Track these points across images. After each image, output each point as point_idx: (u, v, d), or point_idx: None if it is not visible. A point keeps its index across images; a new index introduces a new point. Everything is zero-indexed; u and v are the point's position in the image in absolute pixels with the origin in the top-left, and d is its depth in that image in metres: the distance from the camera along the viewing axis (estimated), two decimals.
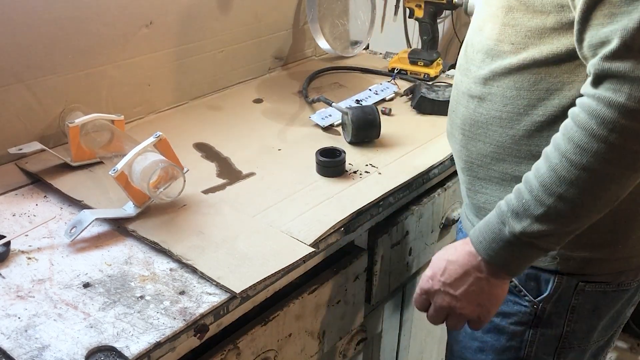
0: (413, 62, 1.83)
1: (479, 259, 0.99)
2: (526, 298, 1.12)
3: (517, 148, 1.04)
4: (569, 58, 0.95)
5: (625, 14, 0.82)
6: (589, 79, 0.87)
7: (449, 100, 1.57)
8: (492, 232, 0.97)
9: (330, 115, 1.55)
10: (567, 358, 1.18)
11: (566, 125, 0.90)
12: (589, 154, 0.86)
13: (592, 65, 0.86)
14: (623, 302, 1.14)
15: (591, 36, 0.86)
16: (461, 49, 1.17)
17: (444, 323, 1.09)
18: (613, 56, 0.83)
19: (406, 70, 1.83)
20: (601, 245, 1.06)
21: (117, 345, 0.88)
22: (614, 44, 0.82)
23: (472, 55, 1.09)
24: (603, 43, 0.84)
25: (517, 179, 1.02)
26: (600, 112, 0.84)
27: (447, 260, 1.04)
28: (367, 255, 1.28)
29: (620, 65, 0.82)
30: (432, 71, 1.82)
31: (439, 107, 1.59)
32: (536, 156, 0.97)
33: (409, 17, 1.90)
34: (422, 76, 1.81)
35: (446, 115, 1.57)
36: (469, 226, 1.19)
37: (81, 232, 1.08)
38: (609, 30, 0.83)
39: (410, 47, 2.69)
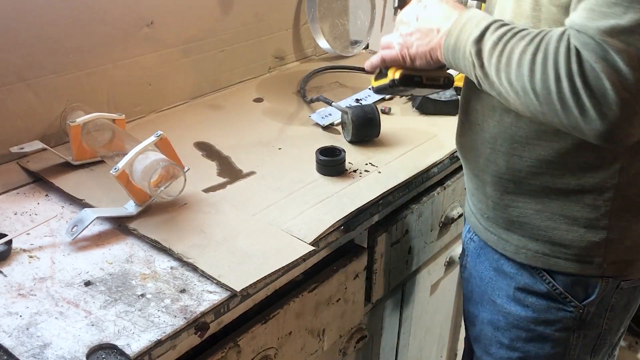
0: None
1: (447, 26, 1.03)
2: (572, 304, 1.12)
3: (561, 161, 1.03)
4: None
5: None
6: (600, 22, 0.83)
7: (450, 100, 1.59)
8: (475, 25, 0.99)
9: (330, 115, 1.56)
10: (600, 354, 1.20)
11: (556, 36, 0.88)
12: (544, 73, 0.87)
13: (592, 26, 0.83)
14: None
15: (596, 4, 0.83)
16: None
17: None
18: (614, 29, 0.80)
19: (420, 77, 1.30)
20: None
21: (118, 343, 0.88)
22: (626, 18, 0.80)
23: None
24: (610, 14, 0.81)
25: (560, 191, 1.04)
26: (571, 55, 0.84)
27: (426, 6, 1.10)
28: (367, 253, 1.28)
29: (616, 42, 0.80)
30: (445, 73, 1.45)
31: (441, 108, 1.60)
32: (583, 168, 0.99)
33: None
34: (441, 82, 1.30)
35: (448, 115, 1.59)
36: (493, 240, 1.16)
37: (82, 230, 1.09)
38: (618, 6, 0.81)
39: None
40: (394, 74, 1.19)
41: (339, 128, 1.52)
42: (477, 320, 1.27)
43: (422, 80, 1.21)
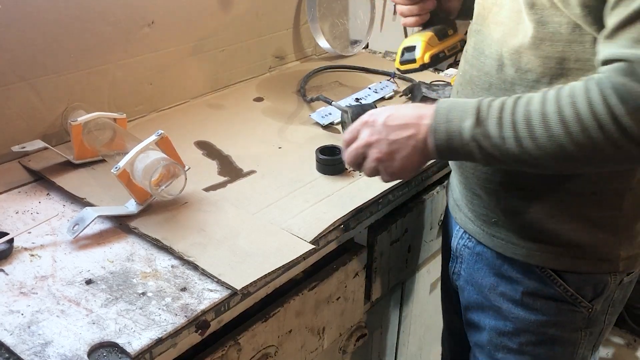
0: (443, 36, 1.40)
1: (426, 122, 1.00)
2: (582, 304, 1.12)
3: (577, 173, 1.04)
4: None
5: None
6: (616, 68, 0.87)
7: None
8: (460, 110, 0.97)
9: (330, 114, 1.56)
10: (598, 349, 1.22)
11: (583, 88, 0.89)
12: (573, 127, 0.88)
13: (615, 69, 0.86)
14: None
15: (613, 50, 0.87)
16: (482, 64, 1.13)
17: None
18: (631, 75, 0.84)
19: (444, 52, 1.39)
20: None
21: (119, 341, 0.89)
22: (637, 65, 0.83)
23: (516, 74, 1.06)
24: (624, 60, 0.85)
25: (574, 196, 1.05)
26: (609, 102, 0.85)
27: (388, 109, 1.05)
28: (367, 252, 1.29)
29: (636, 85, 0.84)
30: (460, 35, 1.43)
31: None
32: (599, 174, 1.00)
33: None
34: (459, 46, 1.39)
35: None
36: (501, 245, 1.15)
37: (83, 229, 1.09)
38: (631, 52, 0.84)
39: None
40: (422, 59, 1.28)
41: (339, 127, 1.52)
42: (478, 327, 1.26)
43: (446, 54, 1.22)
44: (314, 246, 1.10)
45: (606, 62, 0.88)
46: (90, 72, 1.42)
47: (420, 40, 1.38)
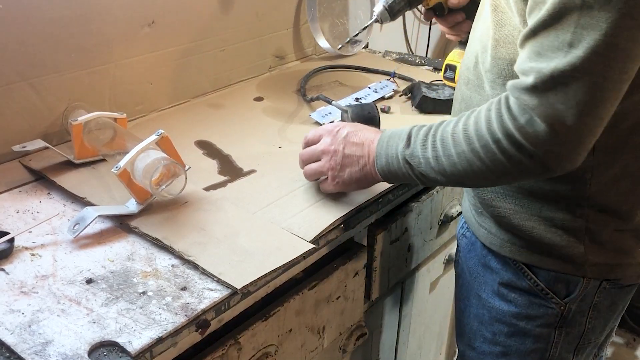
0: None
1: (374, 148, 1.11)
2: (553, 300, 1.13)
3: None
4: None
5: (546, 59, 0.88)
6: (509, 89, 0.95)
7: (449, 99, 1.60)
8: (396, 137, 1.09)
9: (330, 113, 1.56)
10: (584, 353, 1.21)
11: (486, 108, 0.98)
12: (475, 144, 0.97)
13: (514, 84, 0.93)
14: (633, 294, 1.19)
15: (521, 60, 0.93)
16: (465, 59, 1.17)
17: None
18: (526, 89, 0.91)
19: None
20: (626, 252, 1.10)
21: (119, 340, 0.89)
22: (530, 79, 0.90)
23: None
24: (525, 74, 0.91)
25: (535, 194, 1.08)
26: (503, 117, 0.93)
27: (354, 126, 1.16)
28: (367, 251, 1.29)
29: (528, 99, 0.90)
30: None
31: (440, 106, 1.60)
32: (554, 177, 1.02)
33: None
34: None
35: (446, 113, 1.59)
36: (483, 234, 1.18)
37: (84, 228, 1.09)
38: (530, 66, 0.90)
39: (409, 46, 2.69)
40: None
41: None
42: (463, 314, 1.29)
43: None
44: (314, 245, 1.10)
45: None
46: (90, 72, 1.42)
47: (458, 63, 1.49)
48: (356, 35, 1.43)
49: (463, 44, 1.47)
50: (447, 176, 1.03)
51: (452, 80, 1.52)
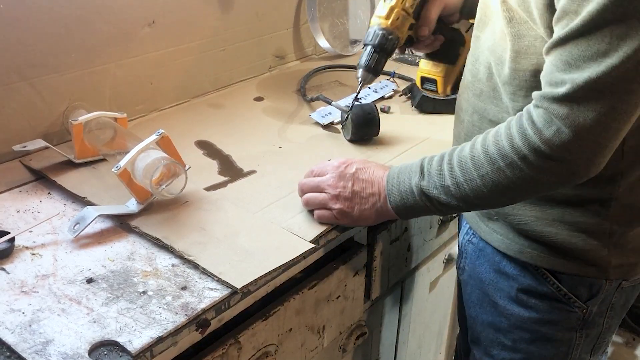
0: (455, 58, 1.51)
1: (384, 184, 1.11)
2: (575, 304, 1.13)
3: None
4: None
5: (578, 69, 0.88)
6: (536, 99, 0.95)
7: (449, 99, 1.60)
8: (407, 172, 1.08)
9: (330, 114, 1.56)
10: (598, 352, 1.22)
11: (506, 126, 0.98)
12: (499, 163, 0.97)
13: (542, 94, 0.93)
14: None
15: (549, 70, 0.92)
16: (472, 70, 1.16)
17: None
18: (557, 99, 0.90)
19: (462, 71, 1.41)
20: None
21: (119, 339, 0.89)
22: (562, 89, 0.89)
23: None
24: (556, 84, 0.91)
25: (558, 201, 1.08)
26: (526, 132, 0.94)
27: (362, 162, 1.15)
28: (367, 251, 1.29)
29: (558, 108, 0.90)
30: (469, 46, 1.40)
31: (440, 106, 1.61)
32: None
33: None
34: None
35: (446, 113, 1.60)
36: (498, 240, 1.17)
37: (84, 228, 1.09)
38: (562, 77, 0.90)
39: None
40: (445, 92, 1.49)
41: (339, 127, 1.52)
42: (476, 322, 1.27)
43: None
44: (314, 245, 1.10)
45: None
46: (91, 72, 1.42)
47: (437, 76, 1.53)
48: (358, 93, 1.44)
49: (431, 54, 1.50)
50: (469, 202, 1.02)
51: (437, 92, 1.55)
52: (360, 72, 1.30)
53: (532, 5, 0.96)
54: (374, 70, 1.28)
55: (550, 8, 0.92)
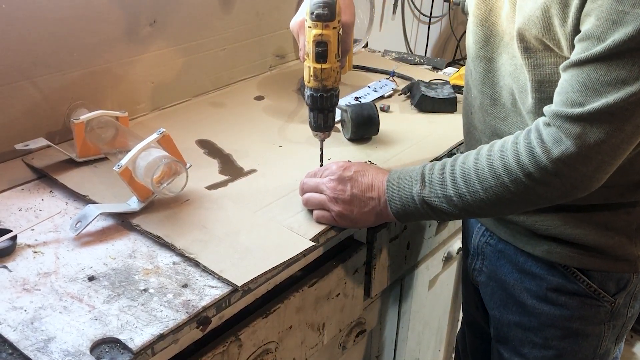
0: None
1: (384, 189, 1.11)
2: (605, 299, 1.15)
3: None
4: None
5: (596, 93, 0.90)
6: (549, 116, 0.96)
7: (448, 98, 1.61)
8: (407, 178, 1.09)
9: None
10: (621, 342, 1.25)
11: (512, 142, 0.99)
12: (504, 179, 0.98)
13: (556, 112, 0.94)
14: None
15: (565, 90, 0.94)
16: (489, 93, 1.16)
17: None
18: (571, 119, 0.92)
19: None
20: None
21: (121, 337, 0.89)
22: (578, 110, 0.91)
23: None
24: (572, 104, 0.92)
25: (585, 207, 1.09)
26: (534, 150, 0.95)
27: (362, 165, 1.16)
28: (366, 249, 1.30)
29: (570, 127, 0.92)
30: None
31: (439, 105, 1.61)
32: (605, 193, 1.03)
33: None
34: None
35: (445, 112, 1.61)
36: (523, 241, 1.18)
37: (86, 226, 1.10)
38: (578, 98, 0.91)
39: (408, 45, 2.70)
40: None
41: (339, 126, 1.52)
42: (502, 322, 1.28)
43: None
44: (314, 243, 1.11)
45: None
46: (92, 71, 1.43)
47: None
48: (322, 151, 1.34)
49: None
50: (470, 211, 1.04)
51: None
52: (314, 133, 1.30)
53: (558, 34, 0.96)
54: (325, 127, 1.27)
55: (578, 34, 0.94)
